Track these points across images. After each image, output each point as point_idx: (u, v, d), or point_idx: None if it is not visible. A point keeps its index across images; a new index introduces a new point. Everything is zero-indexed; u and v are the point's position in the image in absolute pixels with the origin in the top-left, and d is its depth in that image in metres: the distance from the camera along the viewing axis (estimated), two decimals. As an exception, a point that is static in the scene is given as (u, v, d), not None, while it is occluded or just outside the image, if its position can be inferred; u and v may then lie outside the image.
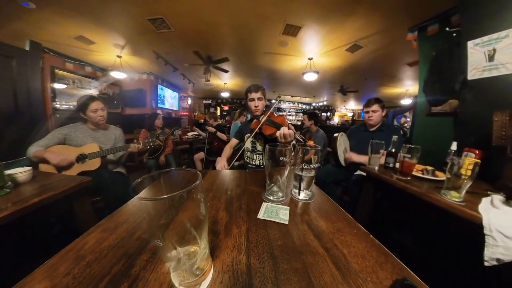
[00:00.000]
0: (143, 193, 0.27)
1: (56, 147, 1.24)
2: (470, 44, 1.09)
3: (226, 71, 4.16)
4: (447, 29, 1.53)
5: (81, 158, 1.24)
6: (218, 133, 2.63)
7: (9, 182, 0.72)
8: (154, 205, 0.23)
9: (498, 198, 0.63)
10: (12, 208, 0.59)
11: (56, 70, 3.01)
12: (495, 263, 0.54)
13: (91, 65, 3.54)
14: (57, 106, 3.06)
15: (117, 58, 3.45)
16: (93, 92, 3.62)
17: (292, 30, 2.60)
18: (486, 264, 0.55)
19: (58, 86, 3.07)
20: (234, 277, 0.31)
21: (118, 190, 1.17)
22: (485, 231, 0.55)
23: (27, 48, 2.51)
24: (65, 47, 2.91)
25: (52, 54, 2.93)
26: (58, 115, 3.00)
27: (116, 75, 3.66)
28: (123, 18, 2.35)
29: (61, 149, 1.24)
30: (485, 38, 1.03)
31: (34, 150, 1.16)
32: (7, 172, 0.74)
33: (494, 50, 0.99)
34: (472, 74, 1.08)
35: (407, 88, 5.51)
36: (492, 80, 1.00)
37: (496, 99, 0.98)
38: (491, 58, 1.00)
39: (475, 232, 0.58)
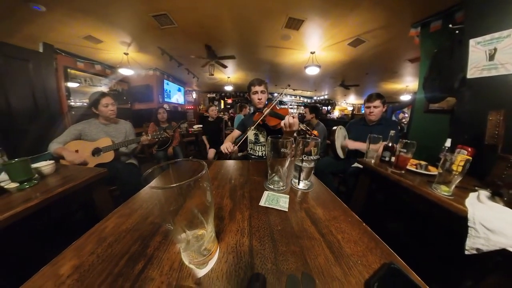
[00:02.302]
0: (154, 182, 0.29)
1: (73, 143, 1.28)
2: (471, 42, 1.03)
3: (225, 67, 4.08)
4: (450, 26, 1.43)
5: (97, 151, 1.29)
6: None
7: (36, 175, 0.76)
8: (164, 193, 0.24)
9: (484, 193, 0.64)
10: (41, 197, 0.64)
11: (68, 70, 3.03)
12: (474, 252, 0.56)
13: (100, 63, 3.54)
14: (72, 103, 3.11)
15: (124, 55, 3.43)
16: (104, 89, 3.65)
17: (295, 24, 2.49)
18: (466, 252, 0.57)
19: (71, 85, 3.10)
20: (238, 257, 0.33)
21: (132, 180, 1.21)
22: (469, 223, 0.57)
23: (41, 50, 2.55)
24: (75, 47, 2.91)
25: (64, 54, 2.93)
26: (73, 112, 3.06)
27: (124, 72, 3.66)
28: (128, 16, 2.31)
29: (78, 144, 1.28)
30: (487, 37, 0.97)
31: (54, 147, 1.20)
32: (33, 165, 0.77)
33: (495, 49, 0.94)
34: (472, 72, 1.03)
35: (407, 84, 5.30)
36: (491, 79, 0.96)
37: (492, 98, 0.95)
38: (491, 57, 0.95)
39: (459, 224, 0.60)
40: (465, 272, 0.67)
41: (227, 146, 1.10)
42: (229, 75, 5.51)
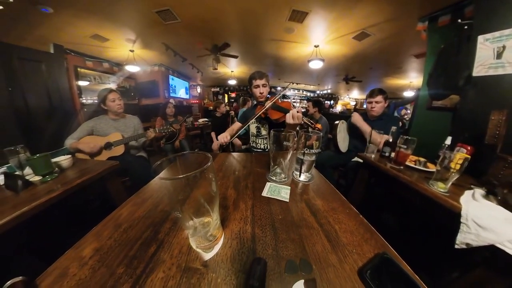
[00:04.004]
0: (162, 174, 0.30)
1: (86, 138, 1.33)
2: (480, 39, 0.97)
3: (236, 57, 3.97)
4: (459, 21, 1.34)
5: (108, 146, 1.33)
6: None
7: (56, 168, 0.81)
8: (173, 184, 0.26)
9: (479, 192, 0.63)
10: (62, 189, 0.68)
11: (78, 69, 3.06)
12: (464, 246, 0.57)
13: (108, 61, 3.55)
14: (84, 101, 3.17)
15: (130, 52, 3.42)
16: (112, 86, 3.68)
17: (299, 16, 2.39)
18: (456, 247, 0.58)
19: (82, 83, 3.14)
20: (241, 243, 0.35)
21: (142, 172, 1.26)
22: (462, 220, 0.57)
23: (52, 51, 2.59)
24: (84, 46, 2.92)
25: (74, 54, 2.96)
26: (85, 109, 3.13)
27: (131, 68, 3.67)
28: (131, 13, 2.28)
29: (91, 139, 1.33)
30: (497, 33, 0.91)
31: (69, 142, 1.25)
32: (53, 160, 0.81)
33: (504, 47, 0.88)
34: (478, 70, 0.98)
35: (411, 80, 5.07)
36: (496, 78, 0.91)
37: (496, 98, 0.91)
38: (499, 55, 0.90)
39: (452, 219, 0.60)
40: (453, 264, 0.69)
41: (222, 136, 1.10)
42: (233, 69, 5.42)
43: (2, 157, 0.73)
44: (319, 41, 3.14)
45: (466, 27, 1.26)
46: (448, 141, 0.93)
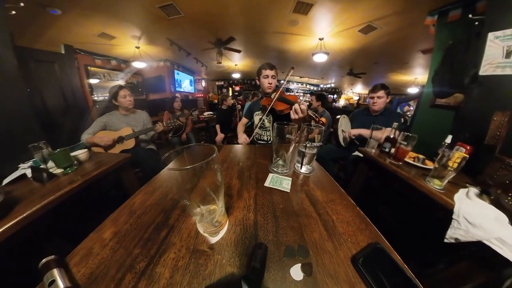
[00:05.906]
0: (171, 165, 0.31)
1: (100, 133, 1.38)
2: (490, 36, 0.90)
3: (239, 51, 3.87)
4: (470, 16, 1.22)
5: (120, 139, 1.37)
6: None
7: (75, 161, 0.85)
8: (181, 174, 0.27)
9: (473, 191, 0.63)
10: (82, 179, 0.72)
11: (89, 67, 3.09)
12: (453, 241, 0.58)
13: (115, 58, 3.55)
14: (95, 98, 3.22)
15: (136, 49, 3.40)
16: (121, 82, 3.70)
17: (303, 8, 2.27)
18: (445, 241, 0.59)
19: (93, 81, 3.18)
20: (244, 229, 0.37)
21: (152, 163, 1.30)
22: (454, 216, 0.58)
23: (63, 51, 2.62)
24: (92, 45, 2.93)
25: (83, 53, 2.97)
26: (97, 106, 3.19)
27: (137, 65, 3.66)
28: (136, 9, 2.24)
29: (105, 134, 1.38)
30: (508, 31, 0.83)
31: (85, 137, 1.31)
32: (72, 154, 0.86)
33: None
34: (485, 69, 0.92)
35: (416, 77, 4.78)
36: (503, 78, 0.86)
37: (501, 98, 0.86)
38: (508, 54, 0.83)
39: (444, 215, 0.61)
40: (440, 256, 0.71)
41: (244, 138, 1.18)
42: (237, 63, 5.31)
43: (27, 153, 0.78)
44: (323, 34, 2.99)
45: (476, 23, 1.16)
46: (449, 139, 0.90)
